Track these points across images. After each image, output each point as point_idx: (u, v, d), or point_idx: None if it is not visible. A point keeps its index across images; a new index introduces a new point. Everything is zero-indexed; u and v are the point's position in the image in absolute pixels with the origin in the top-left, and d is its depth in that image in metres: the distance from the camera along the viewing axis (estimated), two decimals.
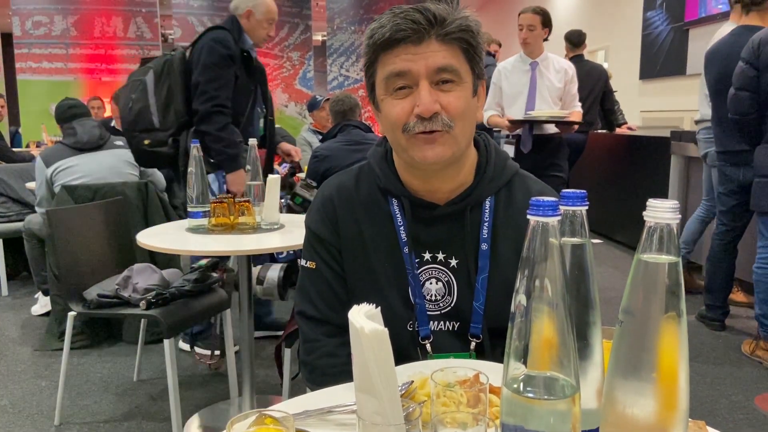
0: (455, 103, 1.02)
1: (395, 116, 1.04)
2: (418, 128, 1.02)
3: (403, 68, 1.01)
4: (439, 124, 1.01)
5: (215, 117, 2.68)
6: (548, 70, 3.80)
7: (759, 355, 2.98)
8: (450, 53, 1.02)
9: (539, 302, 0.57)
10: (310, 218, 1.19)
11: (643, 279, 0.57)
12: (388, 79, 1.03)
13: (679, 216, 0.56)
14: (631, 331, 0.58)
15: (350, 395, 0.78)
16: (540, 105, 3.75)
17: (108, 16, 8.82)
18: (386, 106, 1.05)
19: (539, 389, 0.57)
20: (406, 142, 1.04)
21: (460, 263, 1.11)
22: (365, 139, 3.26)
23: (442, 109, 1.01)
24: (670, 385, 0.57)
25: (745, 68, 2.83)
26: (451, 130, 1.02)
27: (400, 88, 1.03)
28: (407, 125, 1.02)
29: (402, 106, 1.03)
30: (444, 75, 1.02)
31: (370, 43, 1.04)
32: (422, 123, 1.01)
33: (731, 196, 3.23)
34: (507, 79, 3.87)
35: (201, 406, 2.54)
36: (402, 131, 1.04)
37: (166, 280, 2.34)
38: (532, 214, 0.57)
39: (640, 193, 4.88)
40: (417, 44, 1.01)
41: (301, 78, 9.66)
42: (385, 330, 0.65)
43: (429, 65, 1.00)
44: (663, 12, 6.79)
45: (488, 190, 1.13)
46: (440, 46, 1.01)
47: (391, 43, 1.01)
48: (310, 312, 1.15)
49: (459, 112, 1.03)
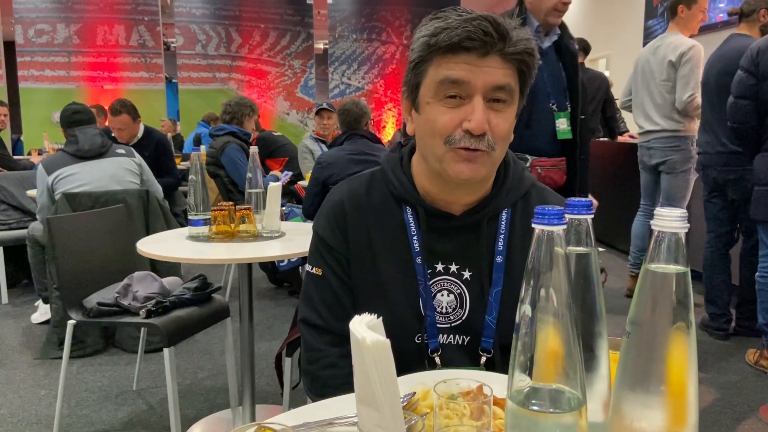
0: (503, 125, 1.00)
1: (442, 125, 0.99)
2: (463, 143, 0.98)
3: (462, 77, 0.97)
4: (485, 144, 0.98)
5: None
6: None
7: (763, 364, 2.96)
8: (509, 73, 0.99)
9: (544, 313, 0.56)
10: (318, 223, 1.15)
11: (651, 289, 0.56)
12: (442, 83, 0.99)
13: (688, 225, 0.55)
14: (639, 343, 0.57)
15: (351, 407, 0.77)
16: None
17: (110, 24, 8.86)
18: (431, 111, 1.01)
19: (545, 402, 0.55)
20: (444, 153, 1.01)
21: (473, 276, 1.08)
22: (371, 150, 3.25)
23: (489, 130, 0.98)
24: (679, 398, 0.55)
25: (744, 77, 2.85)
26: (493, 152, 1.00)
27: (451, 96, 0.99)
28: (452, 137, 0.99)
29: (451, 116, 0.99)
30: (499, 94, 0.98)
31: (431, 42, 0.98)
32: (469, 139, 0.98)
33: (713, 201, 3.36)
34: None
35: (201, 415, 2.52)
36: (444, 142, 1.00)
37: (167, 288, 2.33)
38: (537, 223, 0.56)
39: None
40: (481, 57, 0.97)
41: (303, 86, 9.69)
42: (387, 341, 0.64)
43: (488, 81, 0.97)
44: (664, 20, 6.80)
45: (505, 201, 1.10)
46: (502, 63, 0.98)
47: (456, 48, 0.96)
48: (313, 320, 1.13)
49: (503, 135, 1.01)
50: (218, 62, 9.32)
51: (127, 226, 2.72)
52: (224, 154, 3.83)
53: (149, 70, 9.09)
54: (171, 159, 4.46)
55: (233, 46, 9.30)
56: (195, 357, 3.16)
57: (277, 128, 8.67)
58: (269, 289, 4.47)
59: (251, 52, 9.43)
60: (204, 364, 3.07)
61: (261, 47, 9.46)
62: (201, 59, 9.25)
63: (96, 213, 2.62)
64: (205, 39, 9.18)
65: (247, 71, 9.46)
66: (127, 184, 3.24)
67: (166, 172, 4.31)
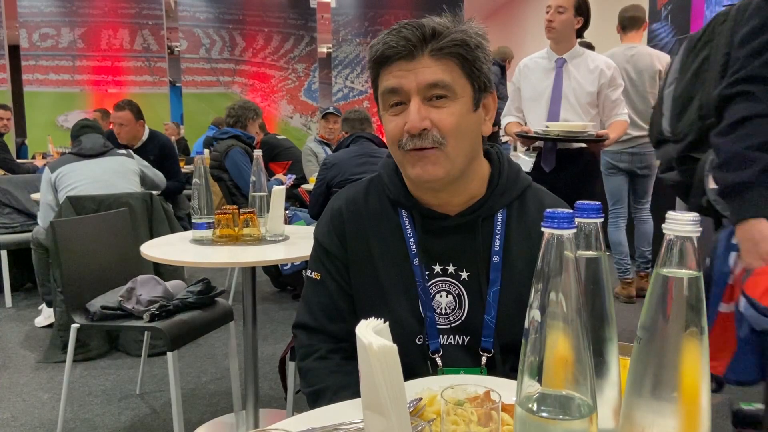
0: (447, 120, 1.01)
1: (391, 132, 1.05)
2: (409, 145, 1.02)
3: (395, 84, 1.02)
4: (429, 141, 1.00)
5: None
6: (578, 70, 2.99)
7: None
8: (442, 68, 1.01)
9: (554, 318, 0.55)
10: (318, 229, 1.19)
11: (662, 294, 0.55)
12: (384, 95, 1.04)
13: (700, 229, 0.54)
14: (651, 349, 0.56)
15: (356, 412, 0.76)
16: (566, 114, 2.97)
17: (115, 29, 8.89)
18: (385, 121, 1.07)
19: (554, 408, 0.55)
20: (402, 158, 1.06)
21: (471, 276, 1.10)
22: (375, 152, 3.30)
23: (433, 126, 1.00)
24: (692, 406, 0.55)
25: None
26: (444, 147, 1.01)
27: (395, 104, 1.04)
28: (401, 142, 1.03)
29: (396, 123, 1.03)
30: (436, 91, 1.01)
31: (369, 58, 1.06)
32: (412, 140, 1.01)
33: None
34: (527, 79, 3.08)
35: (204, 419, 2.51)
36: (398, 147, 1.04)
37: (170, 291, 2.32)
38: (546, 227, 0.55)
39: None
40: (409, 60, 1.01)
41: (306, 90, 9.70)
42: (394, 346, 0.63)
43: (419, 81, 1.00)
44: (668, 24, 6.78)
45: (500, 202, 1.11)
46: (432, 61, 1.00)
47: (386, 59, 1.02)
48: (308, 323, 1.16)
49: (451, 129, 1.01)
50: (222, 66, 9.33)
51: (131, 230, 2.71)
52: (228, 158, 3.84)
53: (153, 74, 9.11)
54: (176, 162, 4.47)
55: (237, 50, 9.31)
56: (198, 361, 3.15)
57: (281, 132, 8.66)
58: (273, 293, 4.46)
59: (255, 55, 9.45)
60: (207, 367, 3.06)
61: (264, 51, 9.48)
62: (205, 63, 9.27)
63: (100, 216, 2.62)
64: (209, 43, 9.20)
65: (251, 75, 9.48)
66: (129, 182, 3.29)
67: (171, 175, 4.31)
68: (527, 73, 3.09)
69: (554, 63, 3.02)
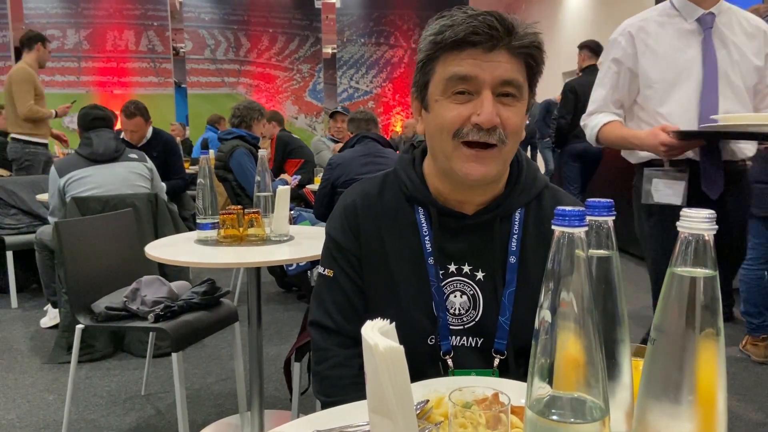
0: (514, 119, 0.99)
1: (450, 120, 0.99)
2: (472, 136, 0.97)
3: (470, 73, 0.96)
4: (496, 138, 0.97)
5: None
6: (734, 33, 1.93)
7: (748, 349, 3.06)
8: (516, 67, 0.98)
9: (565, 318, 0.53)
10: (330, 225, 1.15)
11: (677, 294, 0.54)
12: (450, 80, 0.98)
13: (716, 227, 0.52)
14: (665, 350, 0.54)
15: (362, 414, 0.75)
16: (726, 103, 1.88)
17: (120, 30, 8.92)
18: (440, 108, 1.00)
19: (565, 411, 0.53)
20: (452, 150, 1.00)
21: (486, 276, 1.07)
22: (380, 153, 3.30)
23: (500, 124, 0.97)
24: (708, 408, 0.53)
25: None
26: (504, 147, 0.99)
27: (460, 92, 0.98)
28: (460, 131, 0.98)
29: (459, 111, 0.98)
30: (508, 88, 0.98)
31: (437, 39, 0.98)
32: (479, 133, 0.97)
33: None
34: (650, 50, 1.94)
35: (209, 420, 2.51)
36: (453, 136, 0.99)
37: (175, 292, 2.32)
38: (557, 225, 0.54)
39: None
40: (488, 51, 0.96)
41: (311, 90, 9.71)
42: (401, 347, 0.62)
43: (496, 76, 0.96)
44: None
45: (519, 201, 1.09)
46: (509, 57, 0.97)
47: (462, 44, 0.96)
48: (324, 322, 1.12)
49: (514, 130, 1.00)
50: (227, 67, 9.35)
51: (136, 230, 2.71)
52: (233, 158, 3.84)
53: (158, 75, 9.14)
54: (179, 160, 4.47)
55: (242, 50, 9.33)
56: (203, 362, 3.14)
57: None
58: (278, 294, 4.45)
59: (260, 56, 9.46)
60: (212, 368, 3.06)
61: (269, 52, 9.49)
62: (210, 64, 9.29)
63: (105, 217, 2.62)
64: (213, 44, 9.22)
65: (256, 76, 9.49)
66: (138, 189, 3.24)
67: (174, 172, 4.33)
68: (648, 41, 1.95)
69: (695, 23, 1.91)
